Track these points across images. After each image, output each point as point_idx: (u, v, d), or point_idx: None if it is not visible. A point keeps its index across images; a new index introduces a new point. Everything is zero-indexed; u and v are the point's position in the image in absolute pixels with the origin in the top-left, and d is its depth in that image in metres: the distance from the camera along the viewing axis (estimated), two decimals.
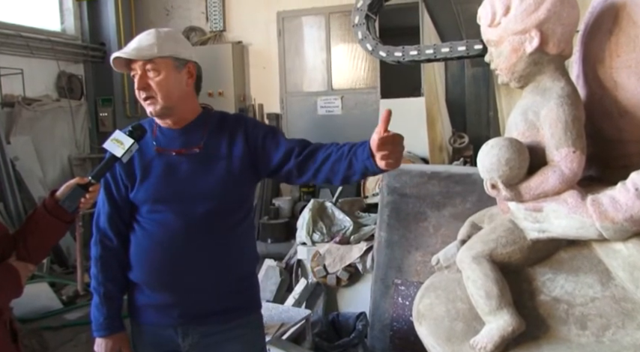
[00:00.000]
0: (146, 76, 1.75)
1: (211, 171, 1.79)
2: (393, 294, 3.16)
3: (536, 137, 1.22)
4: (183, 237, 1.76)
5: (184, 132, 1.83)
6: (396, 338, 3.12)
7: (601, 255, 1.18)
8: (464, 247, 1.29)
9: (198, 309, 1.81)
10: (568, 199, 1.16)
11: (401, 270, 3.14)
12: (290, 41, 6.89)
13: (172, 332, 1.83)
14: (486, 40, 1.30)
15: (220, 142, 1.82)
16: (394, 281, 3.16)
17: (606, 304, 1.17)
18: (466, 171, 3.25)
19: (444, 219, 3.05)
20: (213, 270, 1.79)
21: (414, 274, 3.11)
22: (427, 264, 3.07)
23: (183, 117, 1.83)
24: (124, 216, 1.84)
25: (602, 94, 1.27)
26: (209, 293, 1.81)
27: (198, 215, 1.76)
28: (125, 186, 1.82)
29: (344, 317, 3.28)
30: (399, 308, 3.13)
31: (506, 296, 1.20)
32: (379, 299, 3.22)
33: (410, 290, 3.12)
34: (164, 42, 1.76)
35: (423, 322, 1.34)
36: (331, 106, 6.59)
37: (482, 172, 1.23)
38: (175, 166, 1.80)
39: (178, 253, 1.76)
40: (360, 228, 3.75)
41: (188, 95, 1.83)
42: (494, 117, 3.91)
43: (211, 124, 1.86)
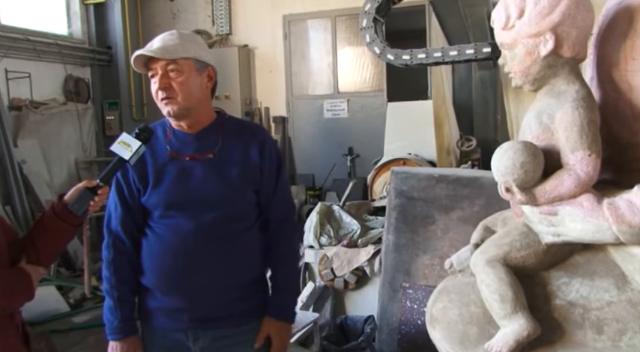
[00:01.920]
0: (167, 76, 1.74)
1: (224, 177, 1.79)
2: (401, 298, 3.14)
3: (550, 140, 1.22)
4: (195, 241, 1.76)
5: (199, 137, 1.83)
6: (404, 342, 3.11)
7: (617, 259, 1.18)
8: (478, 251, 1.29)
9: (208, 313, 1.80)
10: (584, 203, 1.15)
11: (409, 274, 3.12)
12: (296, 44, 6.90)
13: (183, 335, 1.83)
14: (500, 43, 1.30)
15: (235, 148, 1.82)
16: (402, 284, 3.14)
17: (623, 308, 1.16)
18: (474, 175, 3.24)
19: (452, 222, 3.04)
20: (224, 275, 1.79)
21: (422, 278, 3.09)
22: (435, 267, 3.06)
23: (198, 120, 1.83)
24: (137, 220, 1.83)
25: (616, 97, 1.27)
26: (219, 297, 1.80)
27: (210, 220, 1.76)
28: (137, 190, 1.82)
29: (352, 321, 3.27)
30: (407, 312, 3.11)
31: (521, 299, 1.19)
32: (387, 302, 3.20)
33: (418, 294, 3.10)
34: (187, 43, 1.76)
35: (437, 326, 1.34)
36: (337, 109, 6.59)
37: (497, 176, 1.23)
38: (189, 171, 1.80)
39: (189, 258, 1.76)
40: (367, 231, 3.73)
41: (206, 99, 1.84)
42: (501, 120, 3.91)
43: (227, 130, 1.86)
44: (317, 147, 6.72)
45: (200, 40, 1.88)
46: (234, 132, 1.85)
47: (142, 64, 1.77)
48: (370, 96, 6.52)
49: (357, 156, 6.38)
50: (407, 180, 3.20)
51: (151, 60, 1.75)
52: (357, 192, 4.58)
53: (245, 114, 6.73)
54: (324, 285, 3.62)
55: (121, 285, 1.83)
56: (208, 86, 1.83)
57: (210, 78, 1.83)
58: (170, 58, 1.73)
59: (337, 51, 6.68)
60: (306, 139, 6.83)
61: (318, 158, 6.59)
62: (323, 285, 3.63)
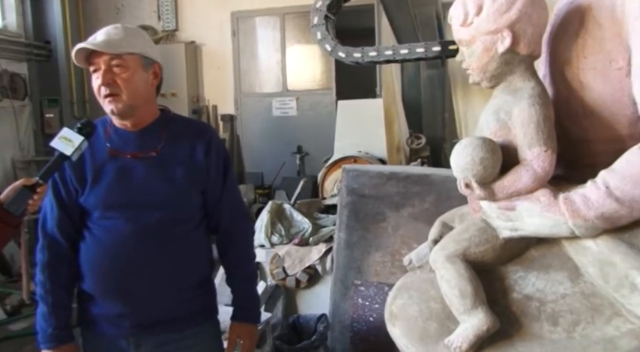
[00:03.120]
0: (111, 71, 1.66)
1: (168, 177, 1.72)
2: (352, 295, 3.16)
3: (508, 136, 1.23)
4: (136, 244, 1.68)
5: (141, 135, 1.76)
6: (357, 339, 3.12)
7: (571, 252, 1.20)
8: (437, 247, 1.30)
9: (151, 319, 1.74)
10: (541, 198, 1.17)
11: (360, 271, 3.14)
12: (244, 42, 6.82)
13: (124, 342, 1.76)
14: (458, 39, 1.30)
15: (179, 147, 1.76)
16: (354, 282, 3.15)
17: (576, 300, 1.19)
18: (424, 172, 3.29)
19: (402, 219, 3.07)
20: (166, 279, 1.73)
21: (373, 275, 3.12)
22: (386, 264, 3.08)
23: (142, 118, 1.76)
24: (74, 221, 1.75)
25: (568, 95, 1.30)
26: (162, 302, 1.74)
27: (152, 222, 1.69)
28: (75, 190, 1.73)
29: (304, 320, 3.25)
30: (359, 309, 3.13)
31: (480, 295, 1.20)
32: (339, 300, 3.21)
33: (370, 291, 3.12)
34: (133, 38, 1.69)
35: (397, 323, 1.33)
36: (286, 107, 6.57)
37: (456, 171, 1.24)
38: (129, 170, 1.72)
39: (130, 261, 1.69)
40: (319, 229, 3.74)
41: (151, 96, 1.77)
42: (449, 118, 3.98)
43: (171, 128, 1.79)
44: (266, 146, 6.67)
45: (146, 36, 1.81)
46: (179, 131, 1.79)
47: (84, 58, 1.68)
48: (319, 95, 6.52)
49: (307, 154, 6.38)
50: (358, 178, 3.21)
51: (93, 54, 1.66)
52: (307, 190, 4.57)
53: (192, 112, 6.60)
54: (276, 285, 3.60)
55: (57, 290, 1.74)
56: (154, 83, 1.76)
57: (156, 75, 1.76)
58: (114, 52, 1.65)
59: (286, 49, 6.65)
60: (254, 137, 6.77)
61: (267, 156, 6.54)
62: (274, 285, 3.61)
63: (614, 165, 1.14)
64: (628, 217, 1.11)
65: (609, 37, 1.22)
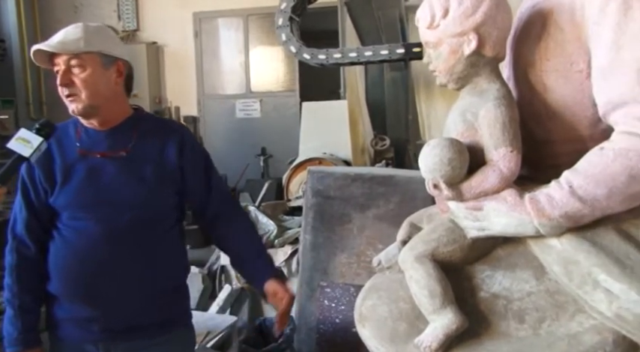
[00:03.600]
0: (70, 71, 1.64)
1: (139, 177, 1.70)
2: (318, 297, 3.16)
3: (474, 137, 1.25)
4: (106, 246, 1.65)
5: (111, 134, 1.73)
6: (323, 341, 3.13)
7: (536, 251, 1.23)
8: (406, 247, 1.30)
9: (121, 324, 1.71)
10: (507, 197, 1.19)
11: (326, 273, 3.15)
12: (207, 43, 6.76)
13: (93, 347, 1.72)
14: (425, 41, 1.32)
15: (151, 147, 1.74)
16: (320, 283, 3.16)
17: (541, 298, 1.21)
18: (389, 173, 3.32)
19: (368, 220, 3.09)
20: (139, 282, 1.70)
21: (339, 276, 3.13)
22: (352, 265, 3.10)
23: (110, 117, 1.73)
24: (43, 223, 1.71)
25: (532, 96, 1.32)
26: (134, 306, 1.71)
27: (123, 223, 1.67)
28: (44, 191, 1.70)
29: (271, 322, 3.23)
30: (325, 311, 3.13)
31: (448, 294, 1.21)
32: (305, 302, 3.21)
33: (336, 292, 3.13)
34: (92, 36, 1.66)
35: (366, 324, 1.33)
36: (250, 109, 6.54)
37: (425, 172, 1.25)
38: (99, 170, 1.69)
39: (99, 263, 1.65)
40: (284, 231, 3.73)
41: (117, 95, 1.74)
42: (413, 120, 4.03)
43: (143, 127, 1.77)
44: (229, 148, 6.62)
45: (109, 33, 1.78)
46: (151, 130, 1.77)
47: (47, 59, 1.66)
48: (283, 96, 6.51)
49: (271, 156, 6.36)
50: (323, 180, 3.22)
51: (54, 54, 1.64)
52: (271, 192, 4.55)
53: (154, 113, 6.49)
54: (241, 288, 3.58)
55: (24, 293, 1.71)
56: (118, 82, 1.73)
57: (120, 73, 1.73)
58: (70, 52, 1.63)
59: (249, 50, 6.62)
60: (218, 139, 6.71)
61: (231, 158, 6.48)
62: (240, 288, 3.58)
63: (576, 165, 1.17)
64: (590, 216, 1.14)
65: (570, 40, 1.25)
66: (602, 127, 1.25)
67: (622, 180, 1.10)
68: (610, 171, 1.11)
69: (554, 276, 1.20)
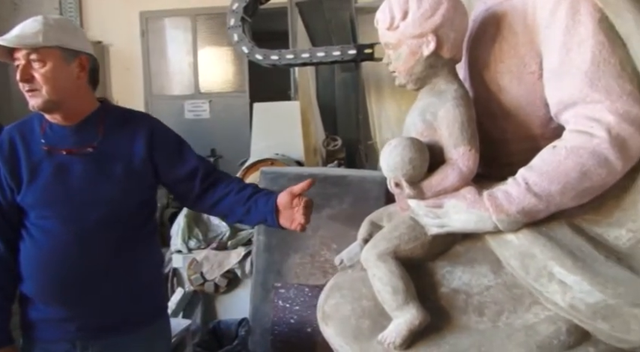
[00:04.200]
0: (30, 66, 1.59)
1: (108, 173, 1.66)
2: (273, 298, 3.16)
3: (434, 136, 1.28)
4: (75, 246, 1.61)
5: (77, 130, 1.68)
6: (278, 342, 3.13)
7: (493, 246, 1.27)
8: (368, 245, 1.32)
9: (97, 322, 1.68)
10: (467, 195, 1.23)
11: (280, 273, 3.15)
12: (154, 43, 6.62)
13: (70, 346, 1.69)
14: (384, 43, 1.34)
15: (119, 141, 1.70)
16: (274, 284, 3.16)
17: (499, 291, 1.25)
18: (342, 173, 3.35)
19: (321, 220, 3.10)
20: (112, 280, 1.66)
21: (293, 277, 3.13)
22: (306, 265, 3.11)
23: (73, 112, 1.68)
24: (11, 222, 1.66)
25: (487, 97, 1.37)
26: (109, 304, 1.68)
27: (92, 222, 1.63)
28: (10, 189, 1.64)
29: (225, 325, 3.21)
30: (279, 312, 3.13)
31: (411, 290, 1.24)
32: (259, 303, 3.20)
33: (290, 293, 3.14)
34: (51, 30, 1.60)
35: (330, 323, 1.34)
36: (199, 110, 6.44)
37: (386, 171, 1.27)
38: (66, 167, 1.65)
39: (71, 264, 1.61)
40: (237, 233, 3.70)
41: (80, 89, 1.69)
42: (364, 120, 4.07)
43: (110, 121, 1.72)
44: None
45: (70, 26, 1.73)
46: (119, 124, 1.73)
47: (7, 53, 1.61)
48: (233, 97, 6.45)
49: (221, 157, 6.28)
50: (276, 180, 3.21)
51: (15, 48, 1.59)
52: None
53: None
54: (194, 290, 3.53)
55: None
56: (81, 76, 1.69)
57: (83, 67, 1.69)
58: (28, 47, 1.58)
59: (198, 51, 6.53)
60: None
61: None
62: (192, 290, 3.53)
63: (531, 162, 1.22)
64: (545, 211, 1.19)
65: (523, 43, 1.30)
66: (554, 126, 1.31)
67: (574, 177, 1.16)
68: (563, 168, 1.16)
69: (512, 270, 1.24)
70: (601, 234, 1.19)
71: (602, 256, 1.13)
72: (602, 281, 1.10)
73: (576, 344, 1.17)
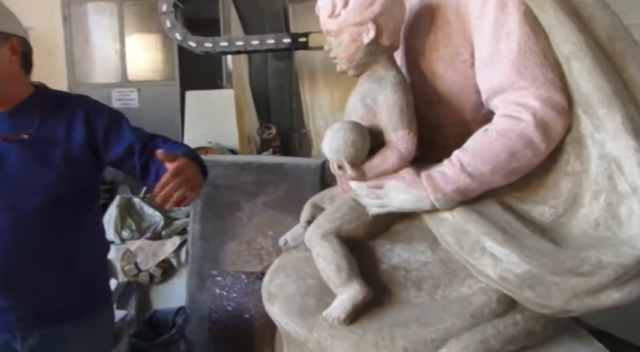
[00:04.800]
0: None
1: (45, 160, 1.61)
2: (210, 286, 3.16)
3: (374, 120, 1.34)
4: (14, 235, 1.56)
5: (11, 116, 1.62)
6: (215, 329, 3.13)
7: (430, 224, 1.34)
8: (312, 226, 1.37)
9: (38, 312, 1.63)
10: (406, 176, 1.30)
11: (217, 261, 3.15)
12: (78, 28, 6.36)
13: (9, 336, 1.63)
14: (326, 30, 1.38)
15: (56, 126, 1.64)
16: (210, 272, 3.16)
17: (436, 266, 1.33)
18: (277, 161, 3.38)
19: (257, 208, 3.13)
20: (52, 269, 1.62)
21: (230, 264, 3.14)
22: (243, 253, 3.13)
23: (7, 98, 1.61)
24: None
25: (423, 83, 1.44)
26: (49, 293, 1.63)
27: (30, 210, 1.57)
28: None
29: (162, 314, 3.17)
30: (216, 300, 3.14)
31: (354, 268, 1.30)
32: (196, 292, 3.20)
33: (227, 281, 3.14)
34: None
35: (275, 302, 1.38)
36: (127, 99, 6.26)
37: (329, 154, 1.31)
38: (1, 155, 1.59)
39: (10, 253, 1.56)
40: (171, 222, 3.65)
41: (12, 74, 1.62)
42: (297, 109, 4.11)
43: (46, 106, 1.66)
44: None
45: None
46: (55, 108, 1.67)
47: None
48: (162, 85, 6.31)
49: None
50: (211, 169, 3.14)
51: None
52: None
53: None
54: (128, 281, 3.47)
55: None
56: (13, 60, 1.62)
57: (14, 51, 1.62)
58: None
59: (125, 37, 6.33)
60: None
61: None
62: (126, 281, 3.47)
63: (465, 145, 1.30)
64: (478, 190, 1.27)
65: (456, 32, 1.38)
66: (484, 112, 1.40)
67: (503, 157, 1.25)
68: (493, 149, 1.25)
69: (447, 246, 1.32)
70: (527, 211, 1.29)
71: (529, 230, 1.23)
72: (529, 254, 1.19)
73: (505, 312, 1.27)
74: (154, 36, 6.15)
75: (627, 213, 1.20)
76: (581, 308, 1.22)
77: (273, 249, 3.07)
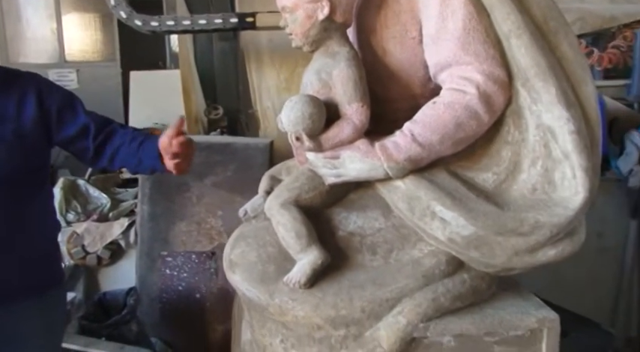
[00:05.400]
0: None
1: None
2: (160, 267, 3.16)
3: (329, 94, 1.41)
4: None
5: None
6: (166, 310, 3.15)
7: (383, 192, 1.43)
8: (271, 196, 1.42)
9: None
10: (360, 146, 1.37)
11: (167, 242, 3.15)
12: (9, 5, 6.10)
13: None
14: (282, 7, 1.43)
15: (7, 103, 1.61)
16: (160, 253, 3.16)
17: (389, 232, 1.42)
18: (226, 141, 3.40)
19: (206, 188, 3.14)
20: (5, 247, 1.60)
21: (180, 245, 3.15)
22: (192, 233, 3.14)
23: None
24: None
25: (373, 60, 1.51)
26: (2, 271, 1.61)
27: None
28: None
29: (112, 295, 3.14)
30: (167, 280, 3.15)
31: (313, 235, 1.36)
32: (146, 273, 3.19)
33: (177, 261, 3.16)
34: None
35: (237, 270, 1.43)
36: (65, 80, 6.06)
37: (288, 126, 1.37)
38: None
39: None
40: (118, 204, 3.61)
41: None
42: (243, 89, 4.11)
43: None
44: None
45: None
46: (5, 85, 1.64)
47: None
48: (102, 66, 6.16)
49: None
50: None
51: None
52: None
53: None
54: (75, 264, 3.42)
55: None
56: None
57: None
58: None
59: (62, 16, 6.12)
60: None
61: None
62: (73, 264, 3.42)
63: (415, 117, 1.39)
64: (427, 159, 1.36)
65: (405, 10, 1.46)
66: (431, 86, 1.49)
67: (451, 128, 1.34)
68: (441, 120, 1.34)
69: (399, 213, 1.41)
70: (472, 178, 1.40)
71: (474, 195, 1.33)
72: (475, 216, 1.29)
73: (454, 272, 1.37)
74: (93, 15, 5.99)
75: (560, 178, 1.31)
76: (522, 265, 1.34)
77: (224, 228, 3.10)
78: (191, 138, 1.68)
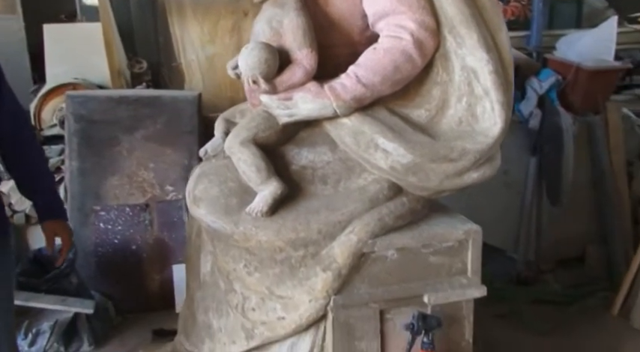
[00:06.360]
0: None
1: None
2: (93, 221, 3.17)
3: (280, 41, 1.54)
4: None
5: None
6: (102, 263, 3.18)
7: (330, 130, 1.60)
8: (231, 135, 1.56)
9: None
10: (311, 88, 1.53)
11: (99, 197, 3.16)
12: None
13: None
14: None
15: None
16: (93, 208, 3.16)
17: (337, 164, 1.60)
18: (154, 94, 3.40)
19: (136, 141, 3.15)
20: None
21: (112, 198, 3.16)
22: (125, 186, 3.16)
23: None
24: None
25: (316, 10, 1.65)
26: None
27: None
28: None
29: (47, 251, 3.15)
30: (101, 234, 3.17)
31: (271, 168, 1.52)
32: (78, 228, 3.19)
33: (111, 215, 3.17)
34: None
35: (201, 204, 1.57)
36: None
37: (245, 70, 1.50)
38: None
39: None
40: None
41: None
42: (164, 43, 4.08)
43: None
44: None
45: None
46: None
47: None
48: (2, 20, 5.79)
49: None
50: (86, 104, 3.16)
51: None
52: None
53: None
54: None
55: None
56: None
57: None
58: None
59: None
60: None
61: None
62: None
63: (357, 61, 1.55)
64: (370, 98, 1.54)
65: None
66: (368, 34, 1.65)
67: (390, 70, 1.52)
68: (382, 63, 1.52)
69: (345, 147, 1.59)
70: (408, 114, 1.60)
71: (411, 129, 1.54)
72: (412, 146, 1.50)
73: (395, 196, 1.59)
74: None
75: (482, 111, 1.54)
76: (451, 187, 1.57)
77: (156, 180, 3.15)
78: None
